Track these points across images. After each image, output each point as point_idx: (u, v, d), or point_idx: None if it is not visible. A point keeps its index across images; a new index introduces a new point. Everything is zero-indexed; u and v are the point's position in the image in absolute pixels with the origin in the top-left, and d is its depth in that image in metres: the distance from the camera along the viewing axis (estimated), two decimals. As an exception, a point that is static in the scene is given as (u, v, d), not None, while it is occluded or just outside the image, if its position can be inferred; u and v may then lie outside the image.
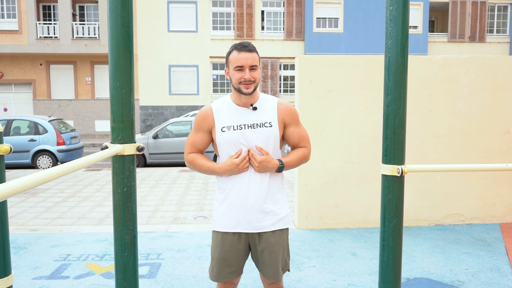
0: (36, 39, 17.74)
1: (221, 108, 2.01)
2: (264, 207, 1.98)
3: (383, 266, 1.98)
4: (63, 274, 3.28)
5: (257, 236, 2.00)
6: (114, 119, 1.80)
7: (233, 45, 1.99)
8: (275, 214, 2.01)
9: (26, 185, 1.08)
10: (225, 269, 2.03)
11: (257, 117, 1.98)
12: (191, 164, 2.06)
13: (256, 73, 1.95)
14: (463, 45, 20.04)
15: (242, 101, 1.99)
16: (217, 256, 2.03)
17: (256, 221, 1.98)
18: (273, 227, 2.01)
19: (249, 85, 1.93)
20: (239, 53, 1.93)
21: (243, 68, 1.92)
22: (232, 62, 1.95)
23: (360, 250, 3.84)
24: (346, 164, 4.49)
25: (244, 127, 1.96)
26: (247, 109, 1.99)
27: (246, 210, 1.97)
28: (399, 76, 1.89)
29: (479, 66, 4.56)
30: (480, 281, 3.16)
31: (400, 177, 1.89)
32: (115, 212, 1.85)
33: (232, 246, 2.01)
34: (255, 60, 1.94)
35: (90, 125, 18.79)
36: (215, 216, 2.05)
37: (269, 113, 2.00)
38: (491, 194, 4.68)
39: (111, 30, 1.77)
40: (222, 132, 1.97)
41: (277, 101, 2.05)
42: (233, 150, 1.96)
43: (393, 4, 1.85)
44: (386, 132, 1.92)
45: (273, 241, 2.00)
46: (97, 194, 6.60)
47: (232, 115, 1.98)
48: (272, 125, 1.98)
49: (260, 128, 1.96)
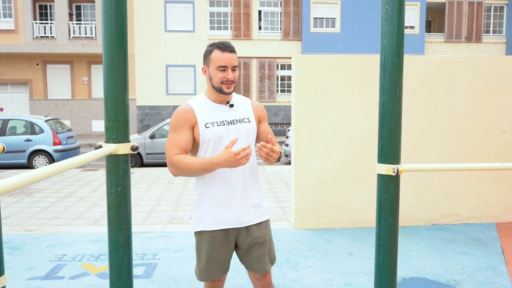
0: (32, 38, 17.67)
1: (200, 106, 2.02)
2: (248, 200, 2.03)
3: (379, 265, 1.98)
4: (58, 275, 3.26)
5: (244, 230, 2.04)
6: (108, 118, 1.79)
7: (213, 44, 2.00)
8: (260, 206, 2.07)
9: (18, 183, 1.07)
10: (214, 267, 2.03)
11: (235, 114, 2.04)
12: (179, 166, 1.93)
13: (236, 74, 1.99)
14: (459, 45, 20.10)
15: (219, 99, 2.03)
16: (206, 256, 2.02)
17: (243, 215, 2.01)
18: (259, 219, 2.06)
19: (231, 85, 1.97)
20: (222, 53, 1.95)
21: (226, 68, 1.95)
22: (214, 61, 1.95)
23: (357, 250, 3.83)
24: (343, 163, 4.49)
25: (226, 123, 2.00)
26: (224, 106, 2.04)
27: (232, 206, 2.00)
28: (394, 75, 1.89)
29: (476, 66, 4.56)
30: (476, 280, 3.17)
31: (395, 176, 1.89)
32: (109, 212, 1.84)
33: (221, 244, 2.02)
34: (236, 61, 1.98)
35: (87, 125, 18.73)
36: (199, 216, 2.02)
37: (245, 110, 2.07)
38: (487, 193, 4.69)
39: (105, 28, 1.76)
40: (207, 128, 1.97)
41: (247, 98, 2.17)
42: (218, 145, 1.98)
43: (388, 3, 1.84)
44: (382, 132, 1.92)
45: (260, 233, 2.06)
46: (93, 194, 6.57)
47: (212, 112, 2.01)
48: (250, 121, 2.06)
49: (240, 124, 2.02)
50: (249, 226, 2.04)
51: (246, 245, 2.05)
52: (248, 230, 2.04)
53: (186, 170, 1.93)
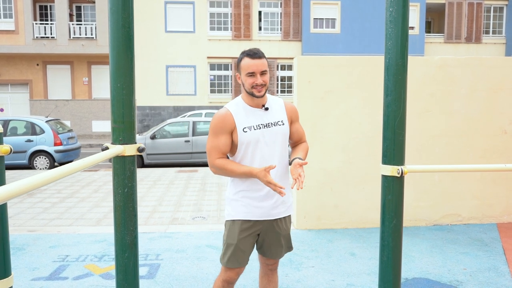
0: (32, 39, 17.68)
1: (238, 110, 2.14)
2: (279, 196, 2.13)
3: (383, 266, 2.00)
4: (62, 275, 3.27)
5: (272, 223, 2.20)
6: (115, 119, 1.81)
7: (244, 52, 2.14)
8: (287, 202, 2.23)
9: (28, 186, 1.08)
10: (240, 255, 2.17)
11: (270, 117, 2.16)
12: (221, 170, 2.11)
13: (266, 77, 2.10)
14: (459, 46, 20.13)
15: (255, 102, 2.15)
16: (235, 243, 2.15)
17: (273, 209, 2.17)
18: (285, 213, 2.23)
19: (261, 89, 2.08)
20: (251, 59, 2.08)
21: (255, 74, 2.07)
22: (244, 68, 2.09)
23: (359, 250, 3.85)
24: (344, 164, 4.50)
25: (262, 126, 2.13)
26: (260, 109, 2.15)
27: (266, 200, 2.14)
28: (399, 77, 1.90)
29: (476, 67, 4.58)
30: (478, 281, 3.18)
31: (400, 177, 1.90)
32: (116, 212, 1.85)
33: (249, 233, 2.17)
34: (264, 66, 2.09)
35: (87, 126, 18.74)
36: (234, 206, 2.17)
37: (279, 112, 2.19)
38: (488, 194, 4.71)
39: (112, 31, 1.77)
40: (244, 132, 2.10)
41: (283, 101, 2.28)
42: (254, 147, 2.11)
43: (393, 5, 1.86)
44: (386, 133, 1.93)
45: (286, 226, 2.25)
46: (94, 195, 6.58)
47: (249, 116, 2.13)
48: (284, 123, 2.18)
49: (274, 127, 2.15)
50: (276, 219, 2.20)
51: (272, 237, 2.21)
52: (276, 223, 2.21)
53: (227, 174, 2.12)
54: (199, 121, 10.59)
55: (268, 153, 2.12)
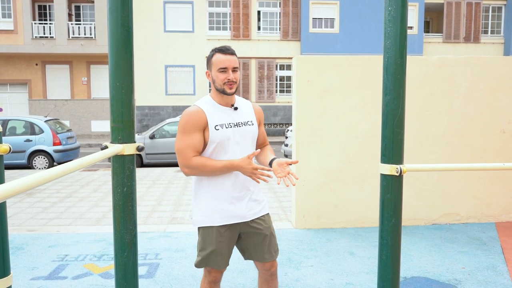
0: (31, 39, 17.66)
1: (209, 108, 2.09)
2: (251, 196, 2.14)
3: (382, 265, 2.00)
4: (61, 275, 3.27)
5: (249, 224, 2.14)
6: (114, 119, 1.81)
7: (215, 49, 2.10)
8: (260, 201, 2.19)
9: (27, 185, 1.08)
10: (218, 258, 2.12)
11: (240, 117, 2.13)
12: (198, 168, 2.02)
13: (237, 75, 2.07)
14: (458, 45, 20.15)
15: (224, 101, 2.11)
16: (212, 249, 2.09)
17: (247, 210, 2.12)
18: (261, 213, 2.18)
19: (232, 85, 2.05)
20: (222, 55, 2.05)
21: (227, 70, 2.04)
22: (215, 64, 2.05)
23: (358, 250, 3.85)
24: (343, 163, 4.51)
25: (233, 125, 2.10)
26: (229, 108, 2.12)
27: (237, 202, 2.10)
28: (397, 76, 1.90)
29: (475, 66, 4.59)
30: (477, 279, 3.19)
31: (399, 176, 1.91)
32: (115, 212, 1.85)
33: (228, 238, 2.12)
34: (236, 63, 2.08)
35: (86, 125, 18.73)
36: (205, 212, 2.09)
37: (248, 113, 2.18)
38: (486, 193, 4.72)
39: (111, 30, 1.77)
40: (216, 130, 2.05)
41: (249, 101, 2.26)
42: (227, 146, 2.07)
43: (391, 4, 1.86)
44: (385, 132, 1.94)
45: (265, 225, 2.18)
46: (94, 195, 6.58)
47: (220, 114, 2.09)
48: (253, 124, 2.16)
49: (244, 127, 2.12)
50: (253, 220, 2.15)
51: (254, 238, 2.16)
52: (252, 224, 2.15)
53: (206, 172, 2.03)
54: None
55: (240, 153, 2.07)
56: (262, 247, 2.16)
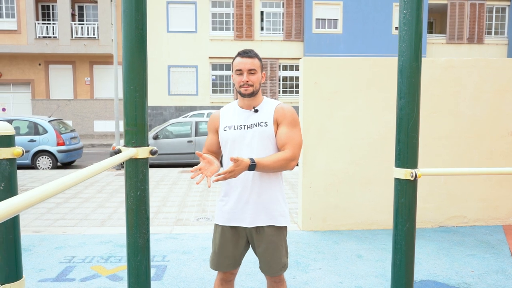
0: (35, 39, 17.67)
1: (228, 111, 2.18)
2: (259, 203, 2.06)
3: (396, 269, 1.98)
4: (69, 277, 3.26)
5: (254, 231, 2.10)
6: (128, 122, 1.80)
7: (237, 52, 2.15)
8: (272, 210, 2.08)
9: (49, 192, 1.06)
10: (223, 259, 2.14)
11: (256, 118, 2.10)
12: None
13: (254, 77, 2.06)
14: (461, 46, 20.10)
15: (245, 103, 2.12)
16: (217, 247, 2.15)
17: (251, 216, 2.07)
18: (268, 223, 2.08)
19: (247, 88, 2.05)
20: (240, 58, 2.08)
21: (242, 72, 2.06)
22: (233, 67, 2.11)
23: (365, 252, 3.83)
24: (350, 166, 4.49)
25: (244, 127, 2.09)
26: (249, 111, 2.12)
27: (241, 206, 2.08)
28: (412, 80, 1.89)
29: (482, 68, 4.57)
30: (487, 283, 3.17)
31: (413, 181, 1.89)
32: (128, 215, 1.84)
33: (230, 239, 2.12)
34: (254, 65, 2.06)
35: (89, 126, 18.74)
36: (216, 210, 2.19)
37: (267, 114, 2.11)
38: (493, 196, 4.69)
39: (125, 32, 1.76)
40: (224, 131, 2.12)
41: (278, 103, 2.15)
42: (232, 147, 2.08)
43: (407, 8, 1.85)
44: (399, 136, 1.92)
45: (269, 237, 2.08)
46: (98, 195, 6.58)
47: (235, 116, 2.13)
48: (267, 125, 2.07)
49: (256, 128, 2.07)
50: (259, 228, 2.09)
51: (256, 246, 2.13)
52: (258, 232, 2.10)
53: None
54: (202, 121, 10.58)
55: (247, 154, 2.03)
56: (264, 258, 2.11)
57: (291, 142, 2.03)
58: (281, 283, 2.20)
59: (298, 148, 2.04)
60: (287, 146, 2.03)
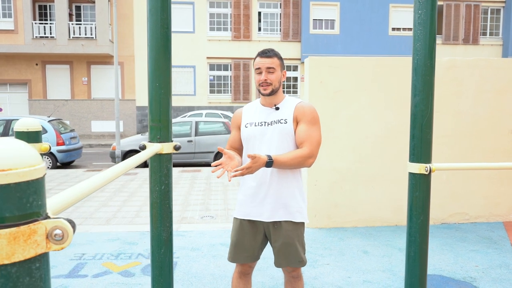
0: (32, 38, 17.61)
1: (250, 108, 2.25)
2: (278, 198, 2.10)
3: (410, 261, 2.05)
4: (81, 273, 3.30)
5: (272, 226, 2.14)
6: (153, 118, 1.85)
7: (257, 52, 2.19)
8: (290, 206, 2.11)
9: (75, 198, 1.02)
10: (240, 252, 2.20)
11: (277, 116, 2.14)
12: None
13: (273, 76, 2.09)
14: (457, 47, 20.29)
15: (267, 101, 2.18)
16: (235, 240, 2.21)
17: (269, 211, 2.11)
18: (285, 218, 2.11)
19: (266, 87, 2.09)
20: (259, 58, 2.13)
21: (261, 71, 2.10)
22: (254, 66, 2.16)
23: (371, 248, 3.90)
24: (354, 164, 4.56)
25: (264, 124, 2.13)
26: (270, 108, 2.16)
27: (259, 200, 2.12)
28: (427, 78, 1.96)
29: (484, 68, 4.65)
30: (491, 277, 3.25)
31: (427, 175, 1.96)
32: (153, 209, 1.89)
33: (249, 233, 2.18)
34: (272, 63, 2.10)
35: (86, 126, 18.70)
36: (237, 204, 2.24)
37: (287, 111, 2.14)
38: (495, 193, 4.78)
39: (151, 31, 1.81)
40: (245, 128, 2.18)
41: (299, 101, 2.18)
42: (253, 144, 2.14)
43: (421, 8, 1.91)
44: (414, 132, 1.99)
45: (287, 232, 2.12)
46: (101, 194, 6.60)
47: (257, 113, 2.19)
48: (287, 122, 2.11)
49: (276, 125, 2.11)
50: (277, 222, 2.13)
51: (273, 241, 2.17)
52: (276, 227, 2.13)
53: None
54: (202, 121, 10.62)
55: (265, 150, 2.07)
56: (281, 253, 2.14)
57: (309, 140, 2.06)
58: (299, 278, 2.24)
59: (316, 146, 2.08)
60: (305, 143, 2.06)
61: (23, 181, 0.55)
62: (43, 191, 0.59)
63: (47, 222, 0.58)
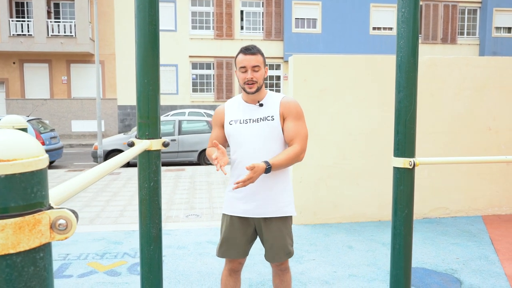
0: (8, 36, 17.17)
1: (232, 105, 2.23)
2: (268, 194, 2.12)
3: (395, 253, 2.10)
4: (66, 273, 3.25)
5: (262, 221, 2.17)
6: (141, 115, 1.85)
7: (240, 48, 2.17)
8: (280, 202, 2.15)
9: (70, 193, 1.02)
10: (231, 248, 2.21)
11: (262, 112, 2.15)
12: (207, 155, 2.20)
13: (258, 74, 2.11)
14: (435, 46, 20.70)
15: (250, 98, 2.17)
16: (225, 236, 2.22)
17: (260, 207, 2.13)
18: (276, 214, 2.15)
19: (252, 85, 2.10)
20: (244, 55, 2.11)
21: (246, 69, 2.09)
22: (237, 63, 2.14)
23: (356, 243, 3.97)
24: (338, 161, 4.62)
25: (250, 121, 2.14)
26: (254, 105, 2.17)
27: (250, 196, 2.13)
28: (410, 74, 2.01)
29: (463, 66, 4.78)
30: (471, 268, 3.35)
31: (411, 169, 2.02)
32: (141, 206, 1.89)
33: (238, 229, 2.19)
34: (257, 61, 2.10)
35: (66, 125, 18.35)
36: (225, 200, 2.25)
37: (273, 108, 2.15)
38: (473, 188, 4.92)
39: (139, 28, 1.81)
40: (230, 125, 2.17)
41: (282, 96, 2.21)
42: (240, 141, 2.13)
43: (405, 6, 1.96)
44: (398, 127, 2.04)
45: (278, 227, 2.16)
46: (83, 195, 6.51)
47: (241, 110, 2.18)
48: (274, 119, 2.12)
49: (263, 122, 2.12)
50: (268, 218, 2.16)
51: (264, 236, 2.19)
52: (266, 222, 2.16)
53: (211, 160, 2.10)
54: (185, 120, 10.57)
55: (253, 148, 2.10)
56: (271, 247, 2.17)
57: (299, 136, 2.10)
58: (286, 271, 2.29)
59: (305, 140, 2.13)
60: (295, 140, 2.10)
61: (28, 171, 0.56)
62: (46, 182, 0.60)
63: (51, 212, 0.59)
